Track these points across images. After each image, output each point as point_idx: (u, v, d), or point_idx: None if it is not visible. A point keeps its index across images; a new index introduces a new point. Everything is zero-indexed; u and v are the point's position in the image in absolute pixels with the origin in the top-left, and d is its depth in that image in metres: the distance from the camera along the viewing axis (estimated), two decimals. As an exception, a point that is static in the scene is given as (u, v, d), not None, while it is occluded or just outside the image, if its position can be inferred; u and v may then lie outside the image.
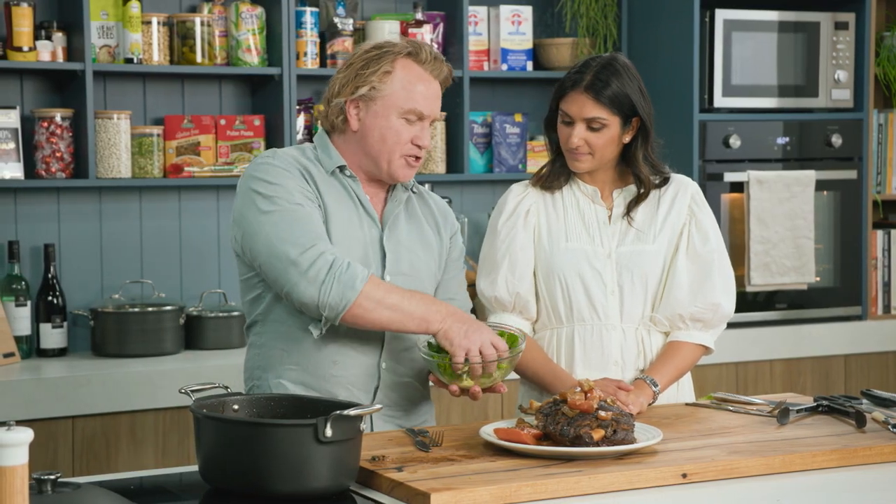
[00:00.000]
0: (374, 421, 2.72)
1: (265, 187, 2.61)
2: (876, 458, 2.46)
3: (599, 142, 2.86)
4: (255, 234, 2.60)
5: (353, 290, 2.52)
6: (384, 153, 2.69)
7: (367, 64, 2.68)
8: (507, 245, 2.93)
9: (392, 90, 2.67)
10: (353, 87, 2.68)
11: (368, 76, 2.67)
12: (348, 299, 2.53)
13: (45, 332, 4.09)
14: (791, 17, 4.69)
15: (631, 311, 2.91)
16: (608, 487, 2.25)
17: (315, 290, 2.52)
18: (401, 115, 2.68)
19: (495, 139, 4.64)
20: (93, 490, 1.98)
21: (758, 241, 4.60)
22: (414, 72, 2.69)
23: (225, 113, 4.40)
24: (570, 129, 2.87)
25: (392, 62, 2.67)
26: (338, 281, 2.52)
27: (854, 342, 4.78)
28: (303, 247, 2.54)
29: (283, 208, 2.59)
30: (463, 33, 4.53)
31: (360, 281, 2.53)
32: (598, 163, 2.90)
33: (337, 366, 2.68)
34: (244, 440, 2.15)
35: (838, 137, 4.77)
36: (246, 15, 4.25)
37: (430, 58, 2.71)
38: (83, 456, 3.75)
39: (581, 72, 2.86)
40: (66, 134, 4.08)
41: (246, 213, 2.63)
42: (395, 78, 2.67)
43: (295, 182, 2.63)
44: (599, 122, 2.84)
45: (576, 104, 2.85)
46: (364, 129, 2.70)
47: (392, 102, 2.67)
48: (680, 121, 4.58)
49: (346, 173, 2.71)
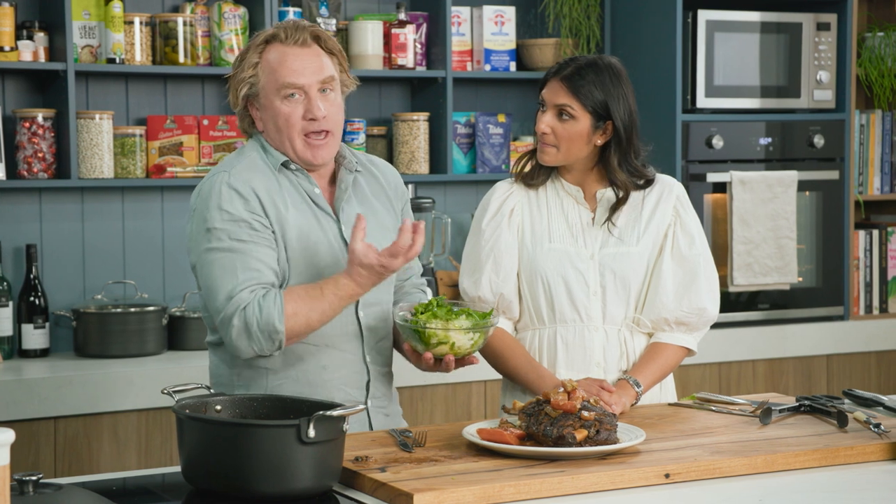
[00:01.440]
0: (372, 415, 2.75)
1: (214, 219, 2.62)
2: (858, 458, 2.47)
3: (565, 134, 2.85)
4: (198, 273, 2.66)
5: (278, 333, 2.56)
6: (284, 140, 2.70)
7: (239, 65, 2.71)
8: (492, 245, 2.93)
9: (265, 79, 2.68)
10: (235, 92, 2.71)
11: (242, 76, 2.69)
12: (279, 340, 2.57)
13: (26, 332, 4.08)
14: (773, 17, 4.71)
15: (613, 313, 2.91)
16: (591, 488, 2.25)
17: (244, 343, 2.58)
18: (279, 97, 2.67)
19: (478, 139, 4.65)
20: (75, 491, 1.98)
21: (740, 242, 4.61)
22: (279, 51, 2.68)
23: (208, 113, 4.39)
24: (542, 116, 2.88)
25: (258, 53, 2.69)
26: (260, 331, 2.55)
27: (836, 342, 4.79)
28: (226, 299, 2.58)
29: (224, 248, 2.60)
30: (446, 34, 4.53)
31: (278, 322, 2.55)
32: (565, 157, 2.89)
33: (327, 370, 2.69)
34: (227, 441, 2.15)
35: (820, 138, 4.79)
36: (229, 15, 4.25)
37: (289, 32, 2.69)
38: (65, 457, 3.74)
39: (566, 63, 2.89)
40: (48, 134, 4.07)
41: (195, 245, 2.66)
42: (263, 66, 2.69)
43: (246, 212, 2.62)
44: (568, 112, 2.84)
45: (550, 90, 2.87)
46: (265, 126, 2.72)
47: (269, 89, 2.68)
48: (663, 121, 4.59)
49: (291, 168, 2.71)
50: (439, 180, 4.63)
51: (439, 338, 2.58)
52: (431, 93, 4.60)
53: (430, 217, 4.61)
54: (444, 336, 2.58)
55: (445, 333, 2.58)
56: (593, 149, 2.89)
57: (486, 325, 2.61)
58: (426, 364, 2.62)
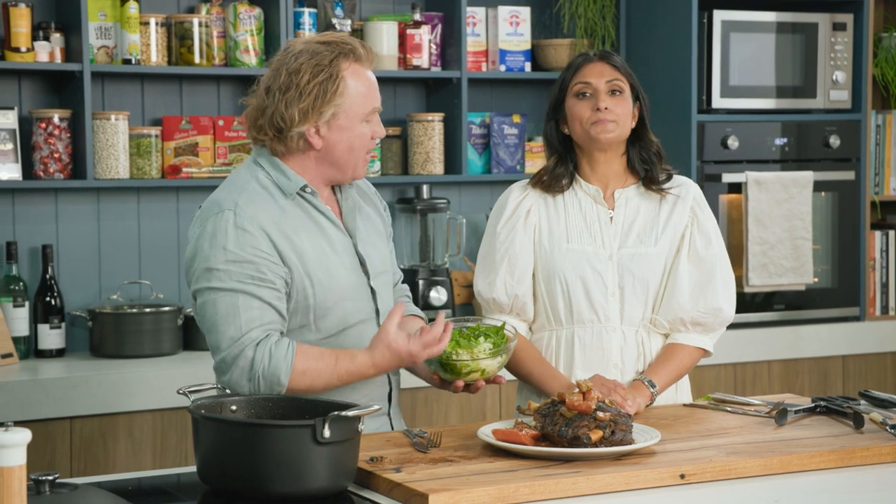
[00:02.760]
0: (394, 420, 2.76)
1: (218, 259, 2.55)
2: (873, 459, 2.46)
3: (621, 109, 2.90)
4: (197, 307, 2.60)
5: (280, 386, 2.53)
6: (351, 161, 2.67)
7: (322, 86, 2.60)
8: (507, 247, 2.93)
9: (351, 101, 2.62)
10: (315, 114, 2.61)
11: (329, 98, 2.60)
12: (278, 392, 2.53)
13: (42, 332, 4.09)
14: (789, 17, 4.70)
15: (631, 314, 2.91)
16: (606, 488, 2.25)
17: (246, 383, 2.53)
18: (363, 120, 2.66)
19: (493, 140, 4.64)
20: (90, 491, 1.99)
21: (756, 242, 4.60)
22: (360, 74, 2.65)
23: (223, 114, 4.40)
24: (589, 100, 2.90)
25: (341, 74, 2.62)
26: (263, 378, 2.52)
27: (852, 343, 4.78)
28: (231, 339, 2.54)
29: (228, 288, 2.54)
30: (461, 34, 4.53)
31: (284, 375, 2.52)
32: (621, 132, 2.92)
33: (355, 389, 2.66)
34: (242, 441, 2.15)
35: (836, 138, 4.77)
36: (244, 16, 4.25)
37: (365, 52, 2.68)
38: (81, 457, 3.75)
39: (585, 53, 2.96)
40: (64, 135, 4.08)
41: (194, 279, 2.60)
42: (349, 87, 2.62)
43: (253, 250, 2.56)
44: (619, 86, 2.90)
45: (594, 70, 2.91)
46: (329, 145, 2.64)
47: (354, 112, 2.63)
48: (678, 122, 4.58)
49: (307, 191, 2.66)
50: (454, 181, 4.63)
51: (470, 367, 2.59)
52: (446, 93, 4.60)
53: (445, 217, 4.61)
54: (474, 365, 2.59)
55: (476, 363, 2.58)
56: (631, 126, 2.94)
57: (510, 347, 2.63)
58: (455, 390, 2.62)
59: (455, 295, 4.61)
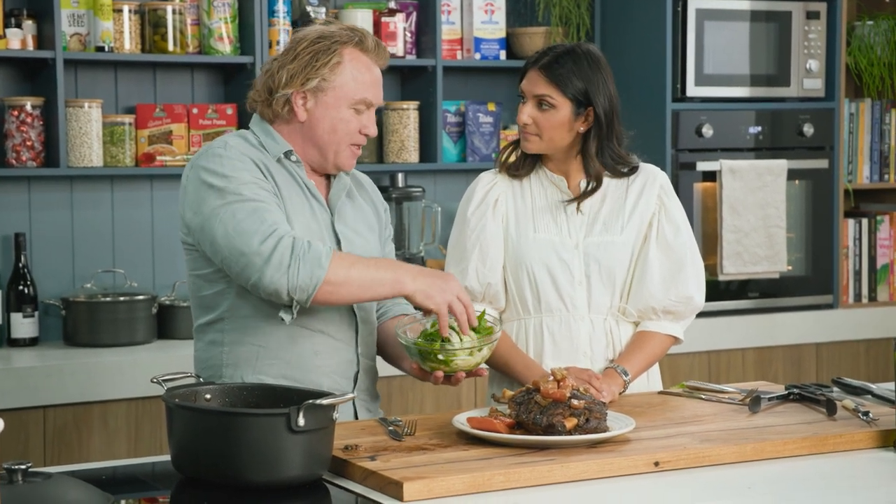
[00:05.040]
0: (358, 408, 2.74)
1: (220, 180, 2.58)
2: (846, 446, 2.48)
3: (547, 123, 2.86)
4: (214, 228, 2.56)
5: (321, 268, 2.50)
6: (332, 144, 2.69)
7: (315, 56, 2.64)
8: (478, 234, 2.93)
9: (343, 81, 2.65)
10: (302, 78, 2.64)
11: (319, 68, 2.64)
12: (318, 278, 2.50)
13: (15, 321, 4.07)
14: (763, 6, 4.71)
15: (599, 302, 2.91)
16: (581, 476, 2.25)
17: (282, 275, 2.50)
18: (351, 106, 2.67)
19: (468, 128, 4.64)
20: (64, 480, 1.98)
21: (730, 230, 4.61)
22: (362, 61, 2.67)
23: (197, 102, 4.38)
24: (523, 107, 2.88)
25: (340, 52, 2.65)
26: (303, 262, 2.50)
27: (825, 331, 4.80)
28: (263, 234, 2.51)
29: (240, 199, 2.56)
30: (436, 22, 4.53)
31: (325, 258, 2.51)
32: (548, 146, 2.89)
33: (319, 356, 2.68)
34: (217, 429, 2.15)
35: (810, 127, 4.79)
36: (218, 3, 4.24)
37: (374, 45, 2.70)
38: (54, 446, 3.74)
39: (544, 53, 2.89)
40: (37, 122, 4.06)
41: (201, 207, 2.59)
42: (344, 69, 2.65)
43: (249, 173, 2.60)
44: (548, 102, 2.84)
45: (529, 81, 2.87)
46: (312, 120, 2.68)
47: (343, 94, 2.66)
48: (652, 110, 4.59)
49: (291, 159, 2.69)
50: (429, 169, 4.63)
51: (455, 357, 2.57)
52: (421, 81, 4.60)
53: (420, 206, 4.61)
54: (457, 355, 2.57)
55: (459, 354, 2.57)
56: (576, 136, 2.89)
57: (493, 340, 2.61)
58: (435, 381, 2.61)
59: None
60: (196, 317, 2.75)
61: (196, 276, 2.70)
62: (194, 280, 2.71)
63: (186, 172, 2.66)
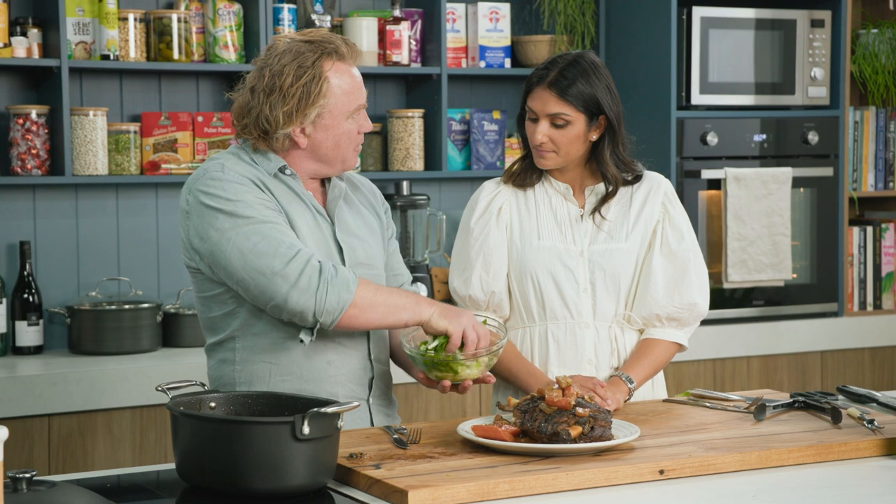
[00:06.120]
0: (374, 412, 2.75)
1: (225, 204, 2.57)
2: (851, 454, 2.47)
3: (563, 139, 2.86)
4: (227, 252, 2.55)
5: (349, 293, 2.52)
6: (338, 155, 2.69)
7: (305, 89, 2.60)
8: (481, 243, 2.93)
9: (335, 100, 2.64)
10: (300, 116, 2.62)
11: (313, 101, 2.61)
12: (345, 301, 2.52)
13: (20, 329, 4.07)
14: (768, 14, 4.71)
15: (604, 309, 2.91)
16: (585, 484, 2.25)
17: (310, 298, 2.51)
18: (348, 117, 2.67)
19: (473, 136, 4.65)
20: (69, 488, 1.98)
21: (735, 238, 4.61)
22: (344, 71, 2.66)
23: (202, 110, 4.38)
24: (535, 125, 2.87)
25: (323, 74, 2.62)
26: (332, 285, 2.51)
27: (830, 339, 4.80)
28: (285, 257, 2.52)
29: (250, 222, 2.55)
30: (441, 30, 4.53)
31: (352, 283, 2.53)
32: (564, 160, 2.90)
33: (332, 365, 2.68)
34: (221, 438, 2.15)
35: (815, 135, 4.79)
36: (223, 11, 4.24)
37: (348, 50, 2.67)
38: (59, 454, 3.74)
39: (547, 69, 2.86)
40: (42, 131, 4.06)
41: (209, 233, 2.57)
42: (332, 87, 2.63)
43: (253, 195, 2.59)
44: (563, 119, 2.84)
45: (539, 100, 2.86)
46: (314, 143, 2.67)
47: (339, 111, 2.65)
48: (657, 118, 4.59)
49: (286, 172, 2.68)
50: (434, 177, 4.63)
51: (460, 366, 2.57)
52: (426, 89, 4.60)
53: (425, 214, 4.61)
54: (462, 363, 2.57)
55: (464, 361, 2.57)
56: (589, 145, 2.90)
57: (500, 348, 2.62)
58: (442, 390, 2.62)
59: (435, 291, 4.61)
60: (206, 337, 2.75)
61: (204, 298, 2.70)
62: (202, 302, 2.70)
63: (185, 196, 2.64)
